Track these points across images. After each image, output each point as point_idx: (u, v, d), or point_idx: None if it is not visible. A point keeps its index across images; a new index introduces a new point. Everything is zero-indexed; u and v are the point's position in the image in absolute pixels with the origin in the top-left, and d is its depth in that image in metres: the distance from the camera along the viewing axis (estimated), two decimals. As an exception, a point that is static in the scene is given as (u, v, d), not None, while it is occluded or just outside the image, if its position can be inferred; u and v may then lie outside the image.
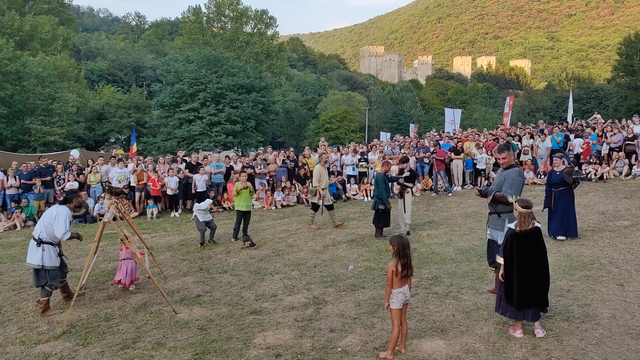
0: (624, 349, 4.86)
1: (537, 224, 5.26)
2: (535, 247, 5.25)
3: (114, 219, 6.99)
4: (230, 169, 15.81)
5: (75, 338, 5.81)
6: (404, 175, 10.46)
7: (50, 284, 6.62)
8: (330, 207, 11.61)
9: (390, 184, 10.51)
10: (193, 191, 14.53)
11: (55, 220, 6.60)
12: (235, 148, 38.84)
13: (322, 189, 11.36)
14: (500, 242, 5.91)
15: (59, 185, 14.68)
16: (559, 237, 8.98)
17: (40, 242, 6.57)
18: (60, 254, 6.85)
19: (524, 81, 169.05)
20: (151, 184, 14.50)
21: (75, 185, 14.49)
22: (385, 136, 32.86)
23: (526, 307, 5.20)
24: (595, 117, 21.85)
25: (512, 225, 5.36)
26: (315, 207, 11.63)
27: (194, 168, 15.12)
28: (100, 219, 6.92)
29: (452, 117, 27.89)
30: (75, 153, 18.84)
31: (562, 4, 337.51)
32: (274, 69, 64.14)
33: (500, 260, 5.45)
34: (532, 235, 5.23)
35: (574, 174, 9.10)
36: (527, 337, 5.19)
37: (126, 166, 15.25)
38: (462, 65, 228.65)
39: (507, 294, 5.34)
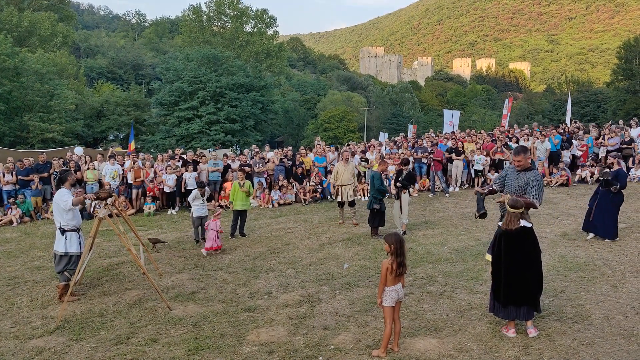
0: (615, 349, 4.88)
1: (525, 224, 5.27)
2: (522, 246, 5.26)
3: (110, 215, 7.00)
4: (227, 167, 15.81)
5: (69, 333, 5.81)
6: (404, 174, 10.51)
7: (70, 269, 6.91)
8: (341, 204, 11.62)
9: (387, 184, 10.54)
10: (183, 190, 14.50)
11: (59, 203, 6.90)
12: (234, 147, 38.81)
13: (340, 186, 11.42)
14: None
15: (56, 182, 14.67)
16: (606, 239, 8.92)
17: (63, 230, 6.89)
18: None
19: (523, 84, 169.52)
20: (149, 181, 14.50)
21: (73, 181, 14.48)
22: (383, 136, 32.83)
23: (512, 304, 5.23)
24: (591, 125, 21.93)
25: (500, 223, 5.42)
26: (341, 204, 11.64)
27: (188, 165, 15.09)
28: (97, 215, 6.92)
29: (451, 119, 27.89)
30: (79, 151, 18.73)
31: (562, 7, 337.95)
32: (274, 68, 64.13)
33: (488, 257, 5.48)
34: (520, 235, 5.25)
35: (601, 174, 9.11)
36: (520, 336, 5.20)
37: (123, 164, 15.23)
38: (462, 67, 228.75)
39: (494, 291, 5.39)
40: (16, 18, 44.41)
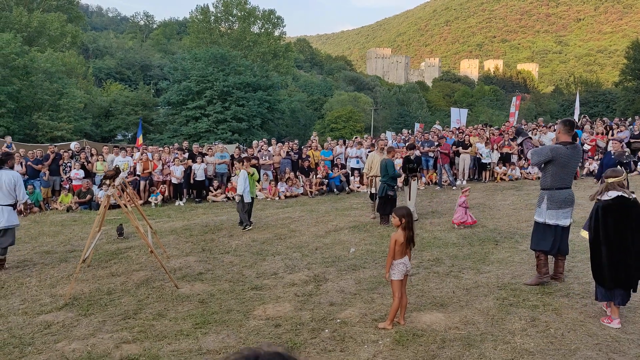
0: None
1: (621, 194, 4.75)
2: (622, 221, 4.71)
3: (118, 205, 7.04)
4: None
5: (77, 309, 5.87)
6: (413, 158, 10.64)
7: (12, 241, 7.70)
8: (373, 197, 11.40)
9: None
10: (192, 181, 14.62)
11: (17, 187, 7.58)
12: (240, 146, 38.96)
13: (374, 177, 11.12)
14: (538, 219, 5.89)
15: (65, 173, 14.79)
16: None
17: (14, 206, 7.64)
18: None
19: (531, 84, 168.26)
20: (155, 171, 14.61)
21: (81, 173, 14.61)
22: (389, 134, 32.77)
23: (617, 287, 4.72)
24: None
25: (600, 197, 4.91)
26: (372, 196, 11.37)
27: (195, 157, 15.18)
28: (105, 193, 6.99)
29: (458, 117, 27.81)
30: (73, 145, 18.85)
31: (570, 8, 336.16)
32: (281, 69, 64.19)
33: (584, 234, 5.26)
34: (618, 208, 4.75)
35: (624, 158, 9.10)
36: (526, 310, 5.19)
37: (132, 155, 15.35)
38: (469, 68, 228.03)
39: (595, 273, 4.92)
40: (26, 18, 44.85)
